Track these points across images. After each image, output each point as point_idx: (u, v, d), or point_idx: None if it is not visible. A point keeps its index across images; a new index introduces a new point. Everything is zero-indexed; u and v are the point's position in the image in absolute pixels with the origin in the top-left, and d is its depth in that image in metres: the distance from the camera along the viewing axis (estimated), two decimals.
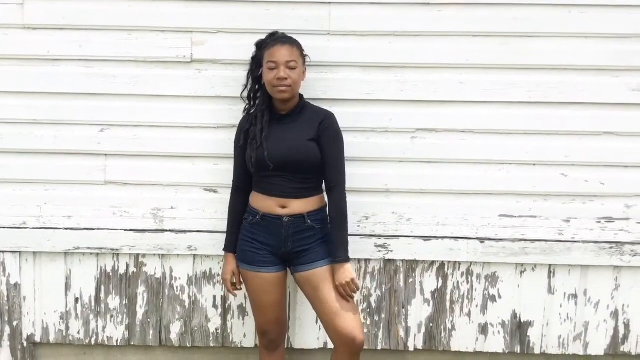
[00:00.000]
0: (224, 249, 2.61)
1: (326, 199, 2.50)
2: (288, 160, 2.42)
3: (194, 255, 2.86)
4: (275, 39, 2.49)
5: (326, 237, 2.49)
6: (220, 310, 2.90)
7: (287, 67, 2.40)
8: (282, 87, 2.39)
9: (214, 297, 2.89)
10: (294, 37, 2.59)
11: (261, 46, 2.52)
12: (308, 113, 2.50)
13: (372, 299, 2.87)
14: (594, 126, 2.76)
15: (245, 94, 2.61)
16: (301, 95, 2.54)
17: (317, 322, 2.80)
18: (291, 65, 2.41)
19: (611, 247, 2.81)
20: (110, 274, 2.88)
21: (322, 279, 2.45)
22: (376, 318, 2.88)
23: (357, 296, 2.75)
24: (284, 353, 2.69)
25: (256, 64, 2.54)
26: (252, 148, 2.44)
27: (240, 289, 2.60)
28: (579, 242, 2.81)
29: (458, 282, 2.87)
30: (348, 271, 2.43)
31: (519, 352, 2.89)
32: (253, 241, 2.49)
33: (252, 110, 2.55)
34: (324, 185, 2.52)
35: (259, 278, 2.49)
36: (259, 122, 2.47)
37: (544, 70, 2.74)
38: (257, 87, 2.56)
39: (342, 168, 2.48)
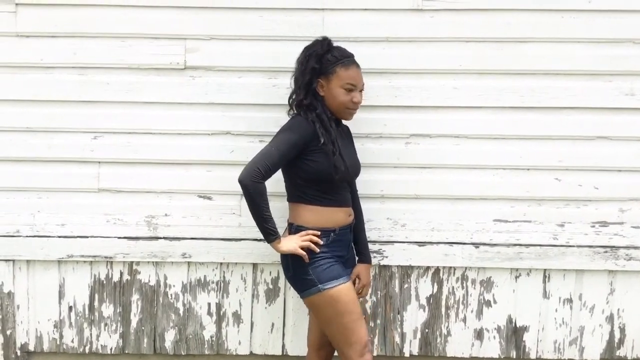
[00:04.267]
0: (273, 238, 2.28)
1: None
2: (357, 171, 2.50)
3: (188, 263, 2.85)
4: (350, 58, 2.37)
5: None
6: (214, 317, 2.88)
7: (360, 90, 2.39)
8: (355, 110, 2.40)
9: (209, 304, 2.87)
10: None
11: (324, 59, 2.33)
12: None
13: (368, 305, 2.86)
14: (587, 131, 2.77)
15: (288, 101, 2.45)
16: None
17: None
18: (362, 88, 2.41)
19: (606, 252, 2.81)
20: (104, 282, 2.87)
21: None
22: (372, 324, 2.87)
23: None
24: None
25: (315, 75, 2.33)
26: (337, 159, 2.30)
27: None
28: (574, 246, 2.81)
29: (453, 287, 2.86)
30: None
31: (514, 357, 2.89)
32: (331, 257, 2.35)
33: (314, 117, 2.32)
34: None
35: (350, 289, 2.36)
36: (333, 132, 2.32)
37: (537, 75, 2.75)
38: (308, 96, 2.34)
39: None
